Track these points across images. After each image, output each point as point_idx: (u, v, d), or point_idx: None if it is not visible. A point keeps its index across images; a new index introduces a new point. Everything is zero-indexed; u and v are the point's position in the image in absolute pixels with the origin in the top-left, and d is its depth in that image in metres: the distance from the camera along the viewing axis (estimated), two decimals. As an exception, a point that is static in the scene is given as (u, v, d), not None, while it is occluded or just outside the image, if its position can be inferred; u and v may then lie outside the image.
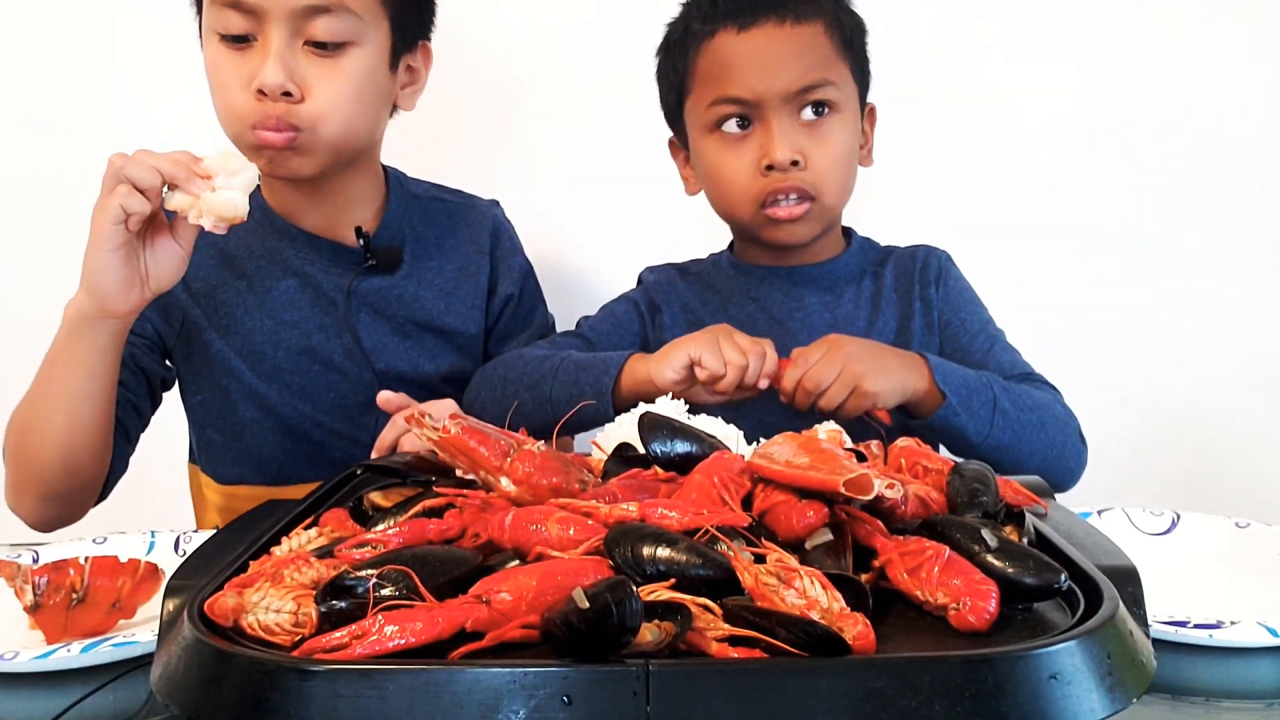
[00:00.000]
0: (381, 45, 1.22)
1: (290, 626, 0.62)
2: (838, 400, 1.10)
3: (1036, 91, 1.71)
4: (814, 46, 1.22)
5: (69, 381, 1.08)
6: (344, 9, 1.16)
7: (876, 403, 1.11)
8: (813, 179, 1.23)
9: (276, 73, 1.14)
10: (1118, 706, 0.57)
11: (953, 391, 1.12)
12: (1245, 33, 1.68)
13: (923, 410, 1.13)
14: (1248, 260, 1.71)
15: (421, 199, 1.39)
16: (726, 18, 1.23)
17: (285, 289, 1.30)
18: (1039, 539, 0.76)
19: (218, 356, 1.29)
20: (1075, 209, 1.72)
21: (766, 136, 1.22)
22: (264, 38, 1.15)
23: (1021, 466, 1.14)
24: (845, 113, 1.25)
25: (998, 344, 1.29)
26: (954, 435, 1.13)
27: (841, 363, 1.10)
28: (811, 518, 0.71)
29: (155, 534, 1.04)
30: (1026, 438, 1.14)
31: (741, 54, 1.22)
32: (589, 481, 0.82)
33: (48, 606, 0.82)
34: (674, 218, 1.49)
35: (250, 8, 1.14)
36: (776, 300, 1.33)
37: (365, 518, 0.84)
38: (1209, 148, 1.70)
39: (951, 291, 1.33)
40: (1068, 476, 1.19)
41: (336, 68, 1.17)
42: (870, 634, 0.59)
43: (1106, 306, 1.72)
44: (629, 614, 0.56)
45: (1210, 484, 1.71)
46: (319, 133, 1.18)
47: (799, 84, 1.21)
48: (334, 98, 1.17)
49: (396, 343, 1.33)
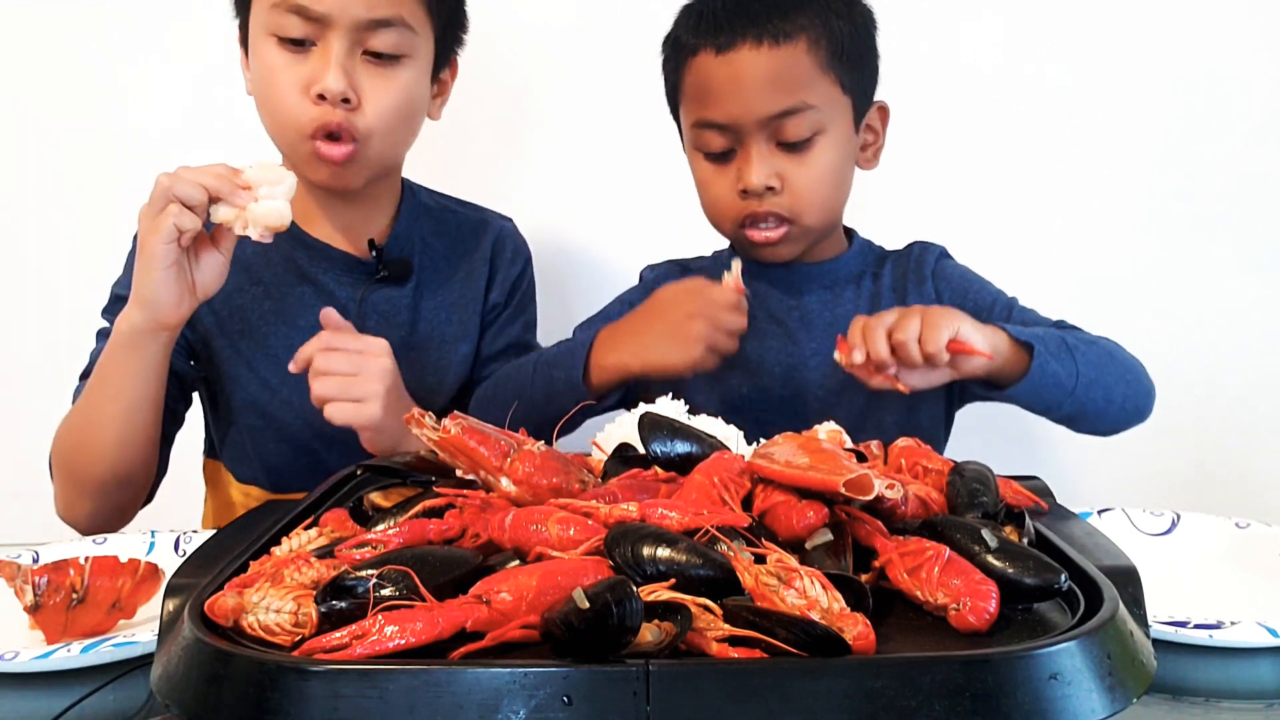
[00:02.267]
0: (428, 59, 1.24)
1: (290, 626, 0.62)
2: (937, 344, 1.02)
3: (1036, 90, 1.71)
4: (793, 68, 1.18)
5: (122, 393, 1.12)
6: (403, 24, 1.18)
7: (977, 347, 1.04)
8: (790, 202, 1.21)
9: (339, 79, 1.15)
10: (1118, 707, 0.57)
11: (1036, 340, 1.08)
12: (1248, 24, 1.68)
13: (1010, 376, 1.09)
14: (1247, 260, 1.71)
15: (432, 210, 1.40)
16: (707, 36, 1.21)
17: (300, 295, 1.31)
18: (1039, 539, 0.76)
19: (232, 361, 1.30)
20: (1075, 209, 1.72)
21: (744, 160, 1.21)
22: (324, 44, 1.16)
23: (1113, 400, 1.12)
24: (830, 131, 1.21)
25: (1015, 308, 1.27)
26: (1054, 388, 1.09)
27: (920, 311, 1.05)
28: (812, 518, 0.71)
29: (155, 534, 1.04)
30: (1106, 368, 1.13)
31: (720, 78, 1.20)
32: (589, 482, 0.82)
33: (48, 606, 0.82)
34: (679, 216, 1.48)
35: (316, 15, 1.15)
36: (775, 298, 1.33)
37: (365, 518, 0.84)
38: (1214, 147, 1.70)
39: (953, 280, 1.32)
40: (1148, 399, 1.18)
41: (391, 80, 1.19)
42: (870, 634, 0.59)
43: (1106, 307, 1.71)
44: (629, 614, 0.56)
45: (1210, 484, 1.71)
46: (371, 144, 1.20)
47: (775, 109, 1.18)
48: (386, 109, 1.19)
49: (404, 354, 1.32)
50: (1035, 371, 1.07)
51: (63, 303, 1.71)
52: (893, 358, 1.04)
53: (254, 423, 1.31)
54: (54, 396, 1.26)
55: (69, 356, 1.28)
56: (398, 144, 1.26)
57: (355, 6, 1.15)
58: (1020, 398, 1.11)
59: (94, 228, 1.62)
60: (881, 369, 1.06)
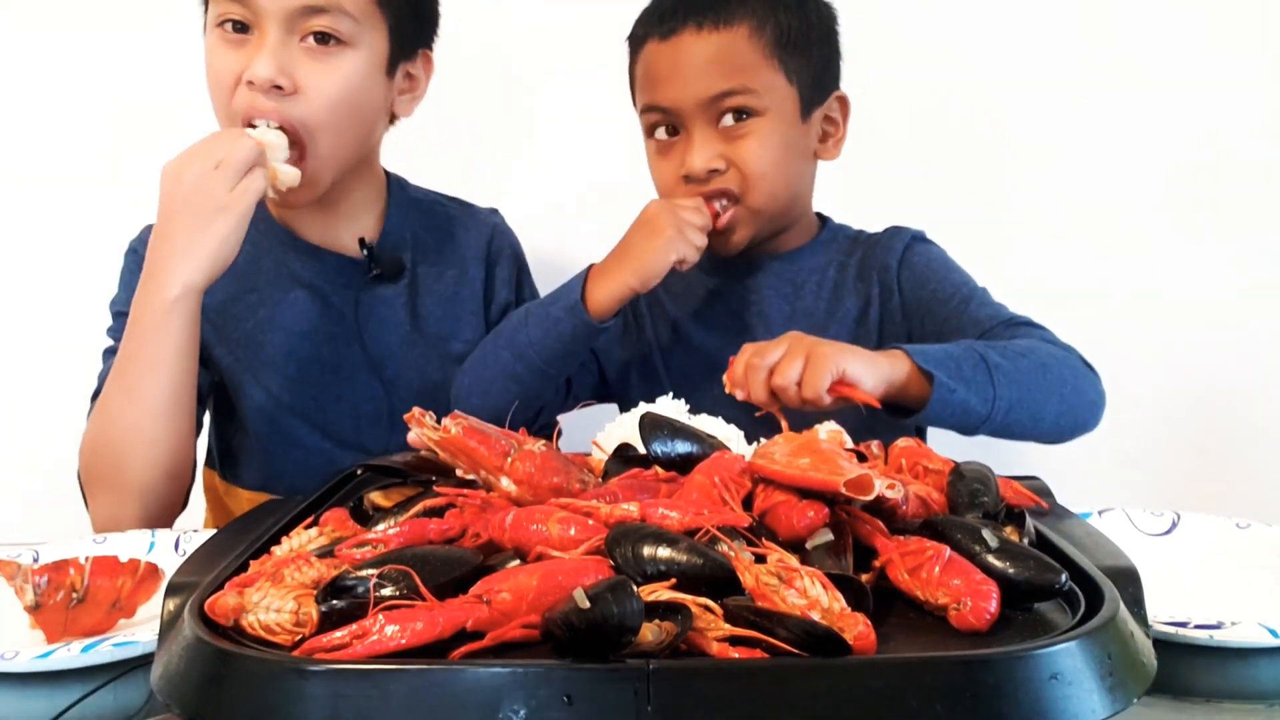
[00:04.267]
0: (378, 51, 1.21)
1: (291, 626, 0.62)
2: (816, 390, 0.97)
3: (1031, 84, 1.71)
4: (733, 52, 1.20)
5: (167, 373, 1.11)
6: (340, 10, 1.16)
7: (863, 388, 0.99)
8: (736, 181, 1.22)
9: (268, 65, 1.14)
10: (1118, 707, 0.57)
11: (937, 366, 1.01)
12: (1242, 12, 1.68)
13: (916, 402, 1.02)
14: (1247, 259, 1.71)
15: (421, 204, 1.39)
16: (654, 25, 1.24)
17: (295, 300, 1.30)
18: (1039, 539, 0.76)
19: (233, 370, 1.29)
20: (1074, 208, 1.72)
21: (687, 145, 1.23)
22: (261, 32, 1.15)
23: (1042, 418, 1.06)
24: (773, 115, 1.21)
25: (974, 300, 1.23)
26: (961, 414, 1.03)
27: (807, 349, 1.00)
28: (812, 518, 0.71)
29: (155, 534, 1.03)
30: (1034, 385, 1.05)
31: (663, 62, 1.23)
32: (589, 481, 0.82)
33: (48, 606, 0.82)
34: None
35: (248, 1, 1.14)
36: (735, 293, 1.33)
37: (365, 518, 0.84)
38: (1215, 144, 1.70)
39: (918, 267, 1.29)
40: (1091, 412, 1.11)
41: (331, 67, 1.17)
42: (871, 634, 0.59)
43: (1105, 307, 1.72)
44: (629, 614, 0.56)
45: (1210, 484, 1.71)
46: (317, 139, 1.18)
47: (713, 91, 1.20)
48: (327, 96, 1.17)
49: (405, 351, 1.33)
50: (937, 404, 1.01)
51: (60, 302, 1.72)
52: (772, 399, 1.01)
53: (263, 429, 1.31)
54: (53, 396, 1.26)
55: (68, 357, 1.28)
56: (352, 140, 1.23)
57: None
58: (925, 424, 1.07)
59: (92, 229, 1.62)
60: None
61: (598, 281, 1.20)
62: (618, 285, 1.19)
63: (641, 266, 1.19)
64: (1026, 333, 1.17)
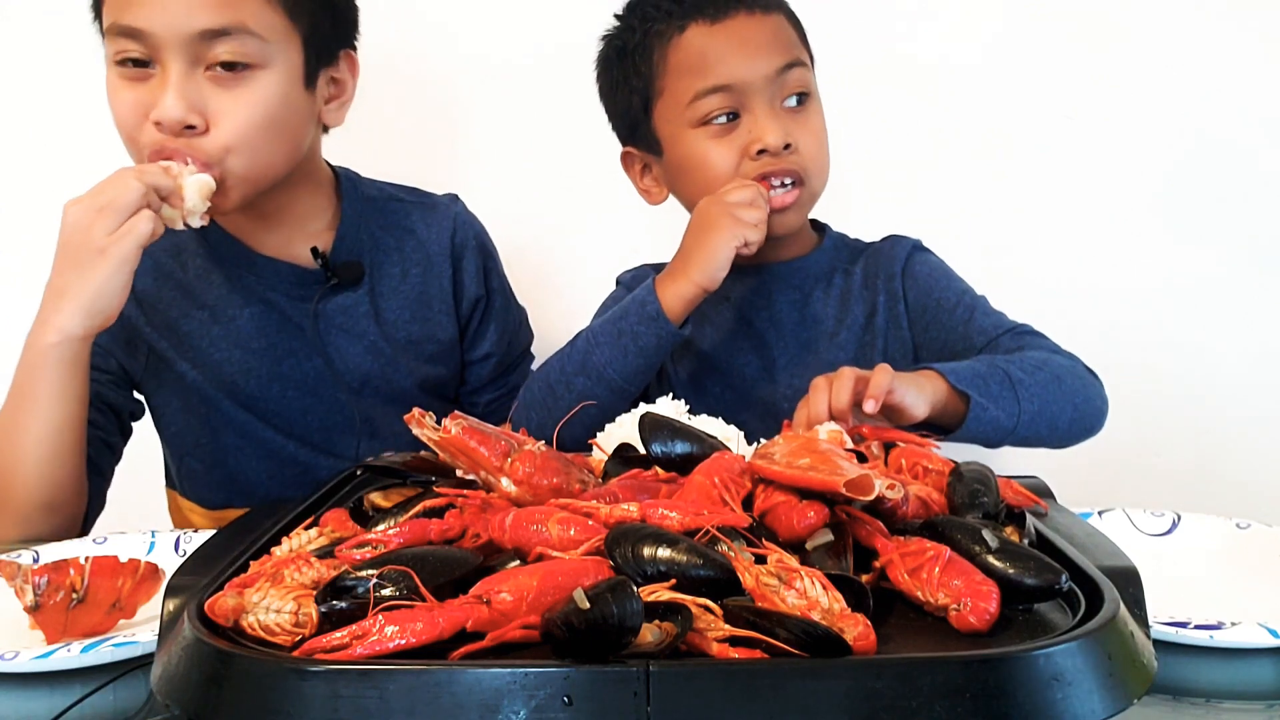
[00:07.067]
0: (293, 65, 1.14)
1: (290, 626, 0.62)
2: (882, 383, 1.00)
3: (1031, 88, 1.71)
4: (784, 32, 1.25)
5: (50, 411, 1.07)
6: (244, 31, 1.09)
7: (914, 412, 1.03)
8: (803, 162, 1.23)
9: (176, 105, 1.07)
10: (1118, 707, 0.57)
11: (970, 386, 1.06)
12: (1241, 13, 1.68)
13: (951, 421, 1.08)
14: (1247, 259, 1.71)
15: (376, 200, 1.33)
16: (695, 12, 1.24)
17: (250, 317, 1.26)
18: (1040, 540, 0.76)
19: (193, 386, 1.25)
20: (1072, 208, 1.72)
21: (754, 122, 1.22)
22: (162, 66, 1.09)
23: (1058, 427, 1.12)
24: (817, 98, 1.27)
25: (978, 310, 1.26)
26: (991, 430, 1.08)
27: (856, 383, 1.02)
28: (812, 518, 0.71)
29: (155, 534, 1.03)
30: (1052, 396, 1.11)
31: (719, 43, 1.23)
32: (589, 482, 0.82)
33: (48, 606, 0.82)
34: (646, 221, 1.47)
35: (142, 32, 1.07)
36: (745, 299, 1.32)
37: (365, 518, 0.84)
38: (1205, 142, 1.70)
39: (920, 276, 1.30)
40: (1097, 418, 1.17)
41: (242, 95, 1.10)
42: (871, 635, 0.59)
43: (1105, 306, 1.72)
44: (629, 614, 0.56)
45: (1210, 484, 1.71)
46: (229, 166, 1.11)
47: (780, 63, 1.22)
48: (241, 127, 1.10)
49: (370, 360, 1.29)
50: (973, 423, 1.06)
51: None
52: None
53: (233, 443, 1.27)
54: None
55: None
56: (266, 162, 1.15)
57: (180, 19, 1.07)
58: (958, 441, 1.09)
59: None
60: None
61: (665, 289, 1.19)
62: (687, 287, 1.18)
63: (704, 263, 1.18)
64: (1032, 342, 1.20)
